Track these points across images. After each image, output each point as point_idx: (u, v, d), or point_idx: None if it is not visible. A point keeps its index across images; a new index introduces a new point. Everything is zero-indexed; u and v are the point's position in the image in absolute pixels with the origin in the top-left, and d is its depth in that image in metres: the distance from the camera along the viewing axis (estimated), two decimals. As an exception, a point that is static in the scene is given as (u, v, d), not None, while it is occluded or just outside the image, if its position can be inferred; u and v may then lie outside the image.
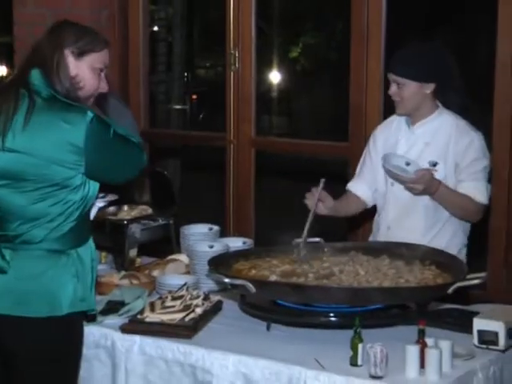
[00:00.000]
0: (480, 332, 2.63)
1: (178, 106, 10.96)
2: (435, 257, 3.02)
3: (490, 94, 3.88)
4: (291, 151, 5.34)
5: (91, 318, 2.78)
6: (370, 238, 3.51)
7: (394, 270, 2.94)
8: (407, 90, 3.24)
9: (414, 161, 3.22)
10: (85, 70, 2.60)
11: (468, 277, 2.78)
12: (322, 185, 3.25)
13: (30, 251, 2.53)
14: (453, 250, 3.20)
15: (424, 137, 3.31)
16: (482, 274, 2.81)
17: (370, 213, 3.56)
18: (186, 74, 12.97)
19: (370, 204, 3.49)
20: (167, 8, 13.45)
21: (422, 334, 2.54)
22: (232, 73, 4.51)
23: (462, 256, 3.29)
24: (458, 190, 3.24)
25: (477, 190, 3.24)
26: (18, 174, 2.50)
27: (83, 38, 2.60)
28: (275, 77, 12.49)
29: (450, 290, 2.72)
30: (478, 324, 2.63)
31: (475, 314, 2.72)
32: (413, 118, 3.33)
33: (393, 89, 3.28)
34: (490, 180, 3.32)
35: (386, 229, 3.37)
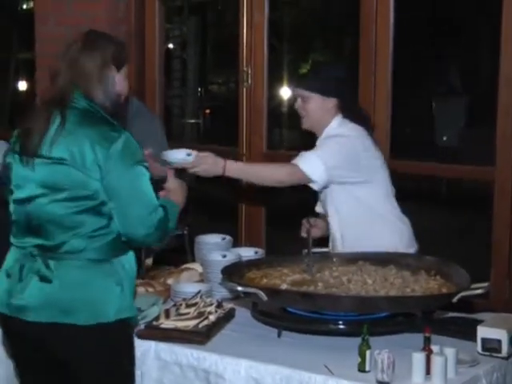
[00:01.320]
0: (484, 340, 2.63)
1: (191, 120, 11.01)
2: (440, 267, 3.02)
3: (494, 108, 3.88)
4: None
5: (134, 326, 2.72)
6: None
7: (401, 280, 2.94)
8: (312, 104, 3.30)
9: (196, 152, 3.19)
10: (122, 82, 2.61)
11: (472, 286, 2.79)
12: (309, 219, 3.35)
13: (74, 261, 2.50)
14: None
15: None
16: (485, 284, 2.81)
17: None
18: (199, 90, 13.03)
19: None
20: (182, 26, 13.54)
21: (427, 341, 2.55)
22: (244, 89, 4.54)
23: None
24: None
25: (301, 156, 3.24)
26: (55, 184, 2.49)
27: (122, 51, 2.60)
28: (286, 92, 12.54)
29: (455, 299, 2.73)
30: (482, 332, 2.64)
31: (479, 322, 2.73)
32: (318, 133, 3.37)
33: (298, 103, 3.34)
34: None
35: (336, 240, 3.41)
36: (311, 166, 3.19)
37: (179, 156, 3.16)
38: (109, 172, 2.47)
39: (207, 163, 3.16)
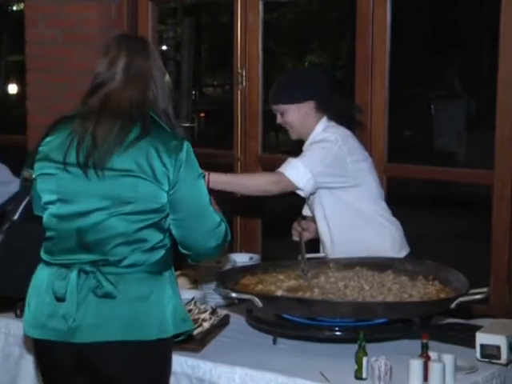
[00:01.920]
0: (482, 346, 2.63)
1: (186, 124, 11.03)
2: (438, 272, 3.03)
3: (493, 112, 3.89)
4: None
5: (189, 337, 2.66)
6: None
7: (398, 285, 2.95)
8: (290, 115, 3.32)
9: None
10: None
11: (470, 292, 2.80)
12: (300, 219, 3.37)
13: (135, 274, 2.40)
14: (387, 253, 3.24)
15: None
16: (484, 290, 2.82)
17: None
18: (193, 93, 13.04)
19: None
20: (175, 28, 13.54)
21: (425, 347, 2.55)
22: (239, 91, 4.55)
23: None
24: None
25: (287, 164, 3.25)
26: (119, 197, 2.38)
27: None
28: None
29: (453, 305, 2.74)
30: (481, 338, 2.64)
31: (478, 328, 2.74)
32: (305, 139, 3.39)
33: (279, 118, 3.37)
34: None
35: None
36: (297, 173, 3.21)
37: None
38: (177, 183, 2.40)
39: None
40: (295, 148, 3.53)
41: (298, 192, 3.26)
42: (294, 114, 3.32)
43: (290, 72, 3.55)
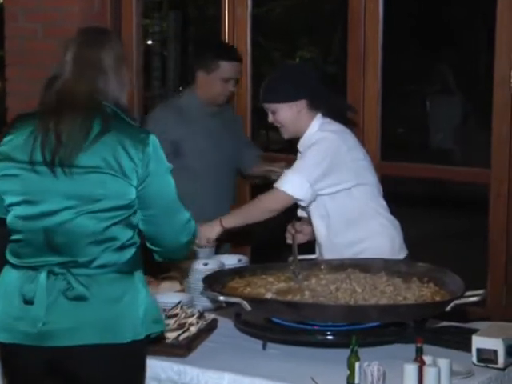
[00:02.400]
0: (479, 350, 2.64)
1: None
2: (433, 274, 3.04)
3: (489, 110, 3.91)
4: (288, 167, 5.35)
5: (160, 338, 2.67)
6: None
7: (392, 288, 2.95)
8: (281, 113, 3.32)
9: None
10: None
11: (466, 294, 2.80)
12: (294, 221, 3.39)
13: (107, 275, 2.41)
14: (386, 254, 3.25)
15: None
16: (481, 292, 2.82)
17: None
18: (181, 89, 13.02)
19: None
20: (161, 22, 13.52)
21: (419, 351, 2.55)
22: (227, 87, 4.53)
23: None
24: None
25: (283, 178, 3.29)
26: (88, 195, 2.38)
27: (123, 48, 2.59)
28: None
29: (448, 308, 2.74)
30: (477, 342, 2.65)
31: (474, 331, 2.74)
32: (299, 136, 3.39)
33: (270, 117, 3.37)
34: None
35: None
36: (293, 185, 3.24)
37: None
38: (147, 178, 2.41)
39: (201, 235, 3.22)
40: (286, 146, 3.53)
41: (299, 203, 3.30)
42: (286, 113, 3.32)
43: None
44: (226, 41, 4.51)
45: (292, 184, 3.24)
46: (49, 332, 2.40)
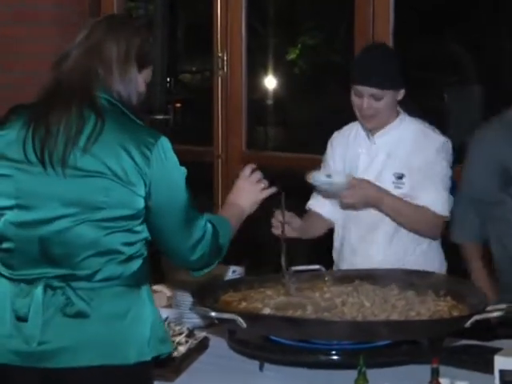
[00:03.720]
0: (502, 372, 2.64)
1: (159, 116, 11.00)
2: (451, 286, 3.04)
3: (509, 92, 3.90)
4: (288, 167, 5.35)
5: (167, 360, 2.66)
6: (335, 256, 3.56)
7: (404, 302, 2.96)
8: (385, 100, 3.32)
9: (336, 171, 3.31)
10: (142, 86, 2.60)
11: (488, 308, 2.80)
12: (283, 201, 3.23)
13: (110, 288, 2.39)
14: None
15: (385, 147, 3.40)
16: (504, 306, 2.82)
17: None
18: (168, 80, 13.02)
19: (335, 222, 3.54)
20: (147, 5, 13.52)
21: (435, 373, 2.55)
22: (220, 78, 4.55)
23: None
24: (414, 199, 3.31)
25: (437, 201, 3.31)
26: (89, 202, 2.36)
27: (147, 49, 2.59)
28: (270, 82, 12.54)
29: (468, 324, 2.74)
30: (500, 362, 2.64)
31: (496, 350, 2.74)
32: (378, 130, 3.41)
33: (367, 102, 3.32)
34: (452, 191, 3.39)
35: (351, 253, 3.44)
36: (443, 203, 3.33)
37: (321, 178, 3.24)
38: (156, 186, 2.39)
39: (357, 192, 3.24)
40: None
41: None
42: (389, 101, 3.34)
43: (381, 50, 3.45)
44: (219, 27, 4.50)
45: (442, 202, 3.34)
46: (45, 352, 2.38)
